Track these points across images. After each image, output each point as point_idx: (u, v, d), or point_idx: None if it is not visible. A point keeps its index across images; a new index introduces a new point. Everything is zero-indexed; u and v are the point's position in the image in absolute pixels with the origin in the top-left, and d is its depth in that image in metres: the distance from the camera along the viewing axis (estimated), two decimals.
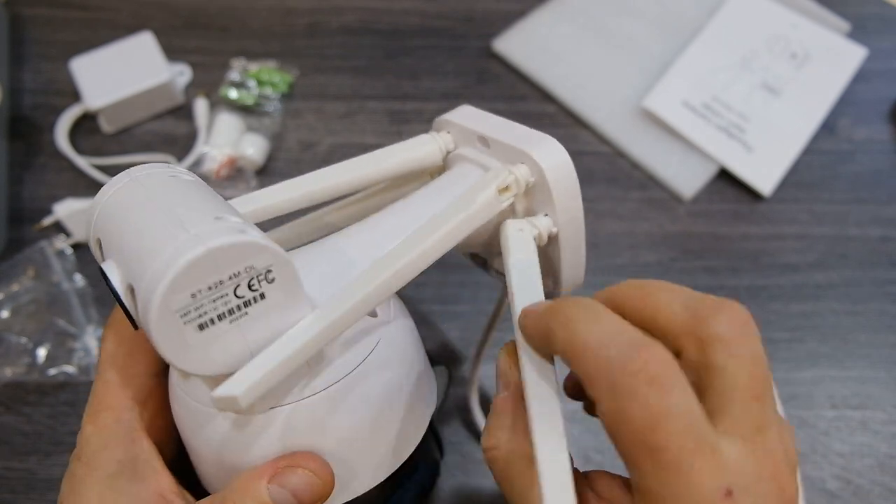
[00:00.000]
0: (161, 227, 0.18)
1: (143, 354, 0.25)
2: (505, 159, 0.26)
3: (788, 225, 0.48)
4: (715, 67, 0.53)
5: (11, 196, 0.47)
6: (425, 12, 0.57)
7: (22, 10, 0.56)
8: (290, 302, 0.19)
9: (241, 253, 0.17)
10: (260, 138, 0.49)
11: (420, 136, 0.28)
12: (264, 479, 0.21)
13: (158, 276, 0.17)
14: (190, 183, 0.21)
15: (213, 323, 0.18)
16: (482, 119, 0.27)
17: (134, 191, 0.21)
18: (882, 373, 0.42)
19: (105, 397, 0.25)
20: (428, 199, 0.26)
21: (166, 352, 0.18)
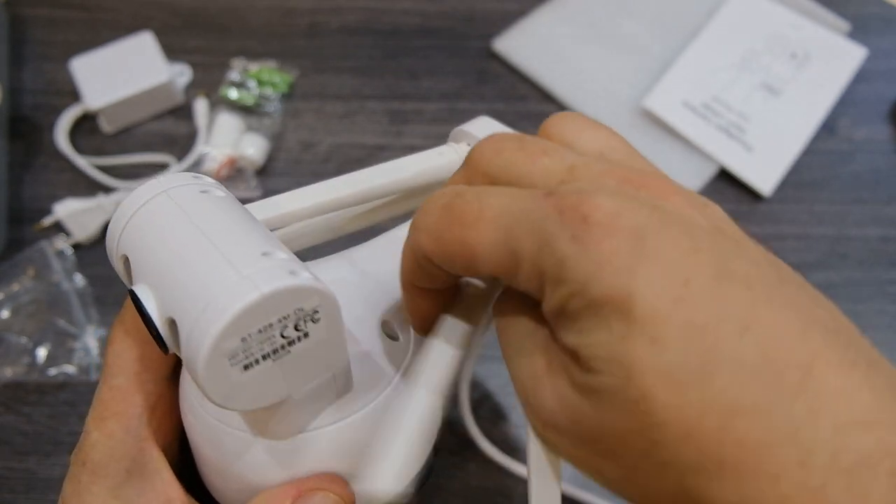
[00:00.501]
0: (208, 262, 0.18)
1: (153, 358, 0.25)
2: None
3: (788, 225, 0.48)
4: (715, 67, 0.53)
5: (11, 196, 0.47)
6: (425, 12, 0.57)
7: (22, 10, 0.56)
8: (332, 338, 0.19)
9: (294, 297, 0.17)
10: (260, 138, 0.49)
11: (440, 147, 0.28)
12: (288, 500, 0.22)
13: (211, 320, 0.16)
14: (224, 202, 0.21)
15: (257, 363, 0.18)
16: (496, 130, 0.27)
17: (168, 209, 0.20)
18: None
19: (112, 403, 0.24)
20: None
21: (211, 392, 0.17)
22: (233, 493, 0.23)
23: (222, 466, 0.22)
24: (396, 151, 0.50)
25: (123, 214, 0.21)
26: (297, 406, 0.20)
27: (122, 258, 0.20)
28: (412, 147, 0.50)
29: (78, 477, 0.23)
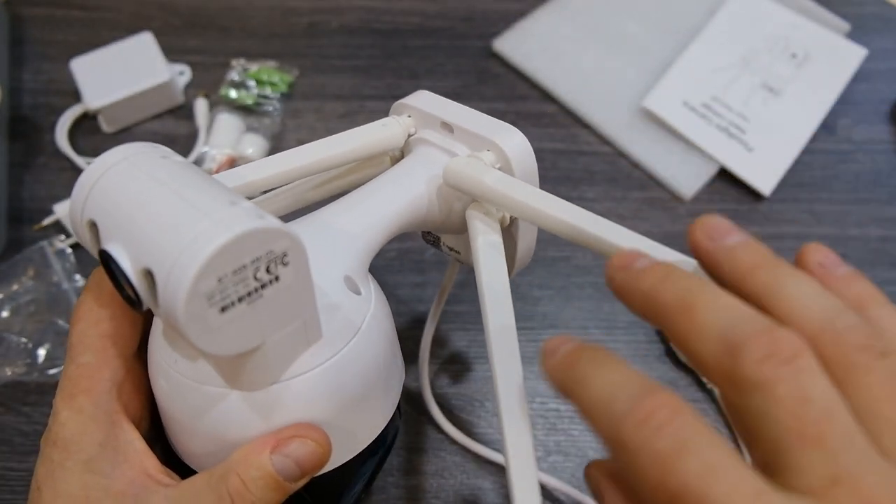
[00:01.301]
0: (178, 211, 0.18)
1: (119, 335, 0.25)
2: (470, 146, 0.28)
3: (788, 225, 0.48)
4: (715, 67, 0.53)
5: (11, 196, 0.47)
6: (425, 12, 0.57)
7: (22, 10, 0.56)
8: (300, 282, 0.20)
9: (264, 238, 0.18)
10: (260, 138, 0.49)
11: (384, 119, 0.30)
12: (267, 449, 0.22)
13: (188, 261, 0.17)
14: (184, 165, 0.21)
15: (233, 305, 0.18)
16: (443, 105, 0.29)
17: (131, 172, 0.21)
18: None
19: (80, 380, 0.24)
20: (400, 178, 0.28)
21: (192, 334, 0.18)
22: (209, 453, 0.23)
23: (198, 426, 0.23)
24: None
25: (87, 181, 0.21)
26: (269, 355, 0.21)
27: (89, 223, 0.21)
28: None
29: (50, 457, 0.23)
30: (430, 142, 0.29)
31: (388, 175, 0.28)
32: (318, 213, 0.27)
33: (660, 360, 0.42)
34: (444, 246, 0.33)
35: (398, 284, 0.44)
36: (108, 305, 0.25)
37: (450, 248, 0.33)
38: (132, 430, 0.24)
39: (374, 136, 0.29)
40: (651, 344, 0.43)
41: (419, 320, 0.43)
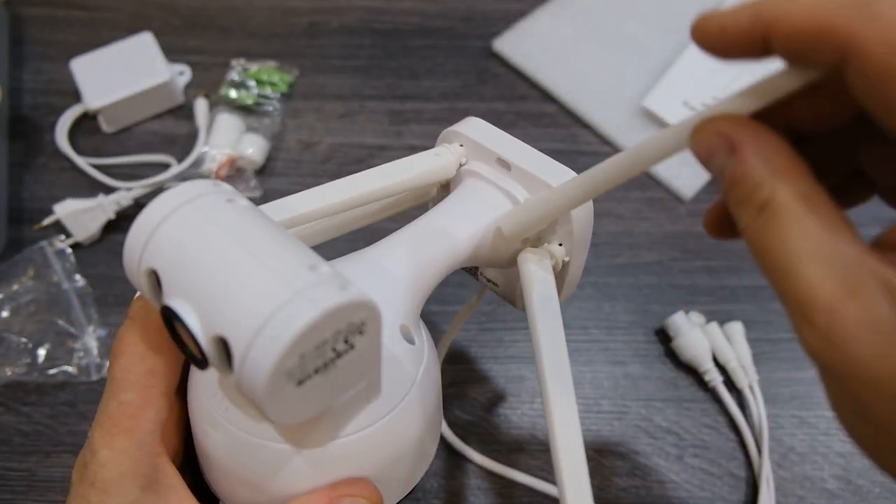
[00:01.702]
0: (257, 277, 0.18)
1: (163, 372, 0.24)
2: (525, 186, 0.27)
3: None
4: (715, 67, 0.53)
5: (11, 196, 0.47)
6: (425, 12, 0.57)
7: (22, 10, 0.56)
8: (372, 348, 0.19)
9: (347, 312, 0.17)
10: (260, 138, 0.49)
11: (436, 149, 0.29)
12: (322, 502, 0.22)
13: (273, 341, 0.16)
14: (251, 212, 0.20)
15: (309, 378, 0.18)
16: (497, 137, 0.28)
17: (198, 220, 0.19)
18: None
19: (122, 419, 0.23)
20: (454, 218, 0.27)
21: (271, 410, 0.17)
22: (254, 502, 0.23)
23: (252, 479, 0.22)
24: (396, 151, 0.50)
25: (147, 225, 0.19)
26: (332, 416, 0.21)
27: (149, 272, 0.19)
28: (412, 147, 0.50)
29: (87, 497, 0.22)
30: (485, 177, 0.28)
31: (441, 212, 0.27)
32: (368, 253, 0.26)
33: (660, 360, 0.42)
34: (483, 277, 0.32)
35: None
36: (153, 340, 0.24)
37: (488, 279, 0.32)
38: (175, 475, 0.24)
39: (427, 167, 0.28)
40: (651, 344, 0.43)
41: None
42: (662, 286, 0.45)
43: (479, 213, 0.27)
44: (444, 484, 0.38)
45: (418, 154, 0.28)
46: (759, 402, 0.40)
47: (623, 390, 0.41)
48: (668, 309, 0.43)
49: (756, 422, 0.40)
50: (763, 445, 0.39)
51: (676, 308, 0.43)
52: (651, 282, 0.45)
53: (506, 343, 0.43)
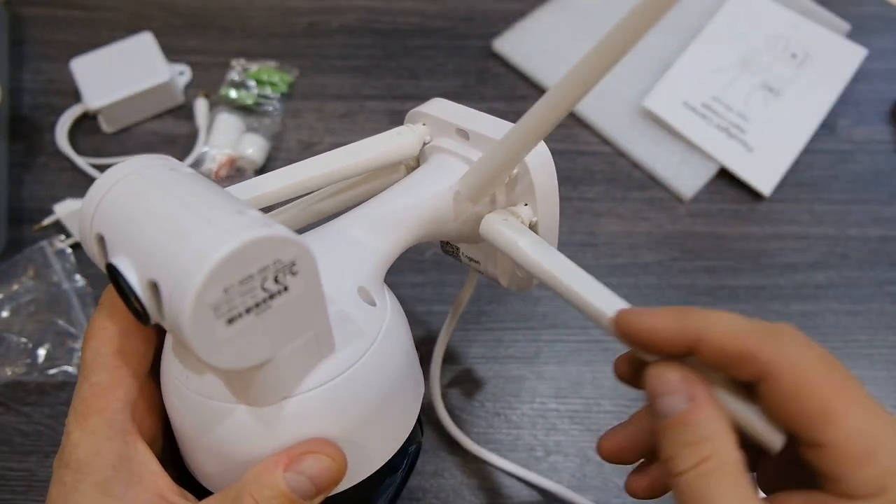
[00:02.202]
0: (185, 222, 0.18)
1: (132, 353, 0.24)
2: (484, 150, 0.27)
3: (788, 225, 0.48)
4: (715, 67, 0.53)
5: (11, 196, 0.47)
6: (425, 12, 0.57)
7: (22, 10, 0.56)
8: (310, 293, 0.19)
9: (270, 247, 0.18)
10: (260, 138, 0.49)
11: (398, 128, 0.30)
12: (280, 467, 0.21)
13: (192, 271, 0.17)
14: (193, 176, 0.21)
15: (240, 317, 0.18)
16: (458, 112, 0.29)
17: (139, 185, 0.20)
18: (882, 373, 0.42)
19: (93, 399, 0.24)
20: (416, 187, 0.28)
21: (199, 347, 0.18)
22: (222, 472, 0.23)
23: (209, 443, 0.22)
24: None
25: (96, 194, 0.20)
26: (280, 369, 0.20)
27: (97, 237, 0.20)
28: None
29: (62, 479, 0.23)
30: (446, 149, 0.28)
31: (403, 184, 0.28)
32: (332, 224, 0.26)
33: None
34: (464, 256, 0.32)
35: (397, 284, 0.44)
36: (121, 322, 0.24)
37: (469, 259, 0.32)
38: (146, 451, 0.24)
39: (389, 146, 0.29)
40: None
41: (419, 321, 0.43)
42: (662, 286, 0.45)
43: (439, 181, 0.28)
44: (444, 483, 0.38)
45: (380, 134, 0.29)
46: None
47: (624, 390, 0.41)
48: None
49: None
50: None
51: None
52: (651, 282, 0.45)
53: (506, 343, 0.43)
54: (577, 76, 0.21)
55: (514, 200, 0.27)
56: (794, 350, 0.19)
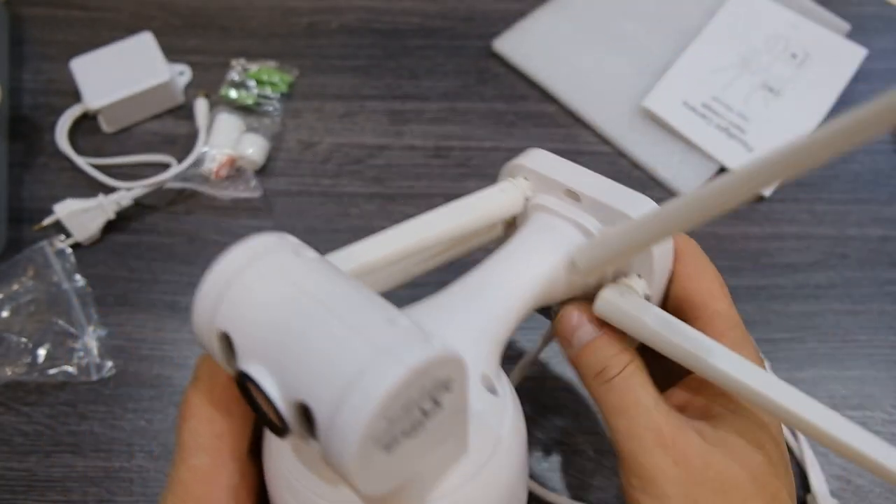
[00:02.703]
0: (335, 334, 0.17)
1: (233, 435, 0.23)
2: (598, 216, 0.25)
3: (788, 225, 0.48)
4: (715, 67, 0.53)
5: (11, 196, 0.47)
6: (425, 12, 0.57)
7: (22, 10, 0.56)
8: (459, 405, 0.18)
9: (433, 368, 0.16)
10: (260, 138, 0.49)
11: (501, 184, 0.27)
12: None
13: (359, 407, 0.15)
14: (320, 264, 0.19)
15: (397, 442, 0.17)
16: (563, 168, 0.27)
17: (269, 278, 0.18)
18: (882, 373, 0.42)
19: (194, 485, 0.22)
20: (529, 256, 0.25)
21: (360, 479, 0.16)
22: None
23: None
24: (396, 151, 0.50)
25: (216, 284, 0.19)
26: (419, 478, 0.19)
27: (221, 335, 0.18)
28: (412, 147, 0.50)
29: None
30: (554, 210, 0.26)
31: (512, 251, 0.26)
32: (439, 301, 0.24)
33: None
34: (555, 313, 0.30)
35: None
36: (222, 403, 0.23)
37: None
38: None
39: (493, 205, 0.27)
40: None
41: None
42: None
43: (551, 249, 0.25)
44: None
45: (482, 191, 0.27)
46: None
47: None
48: None
49: None
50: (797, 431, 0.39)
51: None
52: None
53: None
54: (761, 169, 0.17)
55: (624, 269, 0.25)
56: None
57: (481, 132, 0.51)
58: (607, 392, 0.23)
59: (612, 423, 0.23)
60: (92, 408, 0.40)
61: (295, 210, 0.47)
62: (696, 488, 0.22)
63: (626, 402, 0.23)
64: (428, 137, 0.51)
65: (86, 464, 0.38)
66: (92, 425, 0.39)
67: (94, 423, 0.40)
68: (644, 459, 0.22)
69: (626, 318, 0.24)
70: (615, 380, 0.23)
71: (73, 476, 0.38)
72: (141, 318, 0.43)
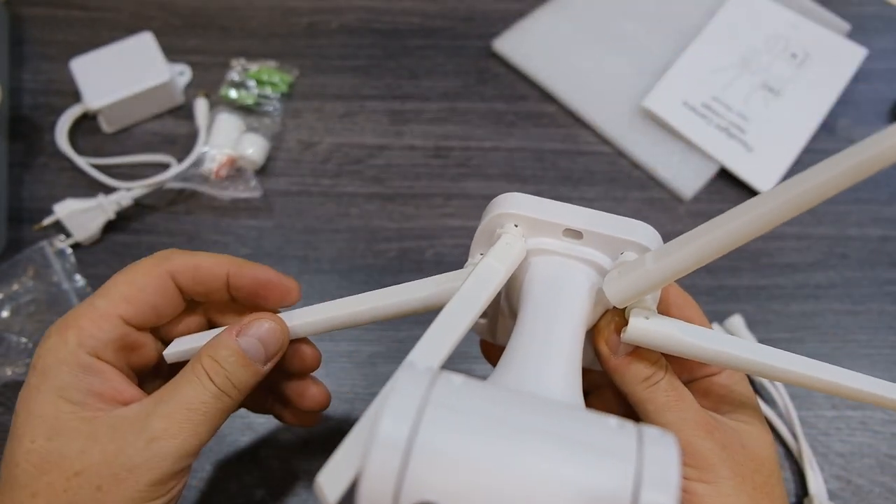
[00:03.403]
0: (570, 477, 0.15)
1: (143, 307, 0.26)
2: (603, 249, 0.26)
3: (788, 225, 0.48)
4: (715, 67, 0.53)
5: (11, 196, 0.47)
6: (425, 12, 0.57)
7: (22, 10, 0.56)
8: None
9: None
10: (260, 138, 0.49)
11: (505, 238, 0.26)
12: (233, 334, 0.25)
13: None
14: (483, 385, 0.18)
15: None
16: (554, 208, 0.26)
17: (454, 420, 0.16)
18: (882, 373, 0.42)
19: (82, 318, 0.25)
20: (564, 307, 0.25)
21: None
22: None
23: None
24: (396, 151, 0.50)
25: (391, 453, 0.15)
26: None
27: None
28: (412, 147, 0.50)
29: (29, 381, 0.24)
30: (560, 252, 0.26)
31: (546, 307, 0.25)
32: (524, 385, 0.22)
33: None
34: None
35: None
36: (157, 286, 0.27)
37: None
38: (114, 372, 0.25)
39: (507, 261, 0.25)
40: None
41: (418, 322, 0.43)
42: None
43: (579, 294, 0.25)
44: None
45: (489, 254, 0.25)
46: (780, 387, 0.40)
47: None
48: None
49: (782, 408, 0.40)
50: (797, 430, 0.39)
51: None
52: None
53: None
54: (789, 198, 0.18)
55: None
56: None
57: (481, 132, 0.51)
58: (655, 393, 0.25)
59: (661, 418, 0.25)
60: None
61: (295, 210, 0.47)
62: (740, 467, 0.24)
63: (673, 400, 0.25)
64: (428, 137, 0.51)
65: None
66: None
67: None
68: (700, 445, 0.24)
69: (660, 338, 0.24)
70: (661, 381, 0.25)
71: None
72: None
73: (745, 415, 0.27)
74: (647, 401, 0.26)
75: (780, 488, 0.26)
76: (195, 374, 0.24)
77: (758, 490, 0.24)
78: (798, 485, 0.39)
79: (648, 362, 0.26)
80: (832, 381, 0.24)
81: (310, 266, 0.45)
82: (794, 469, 0.39)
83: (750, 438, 0.26)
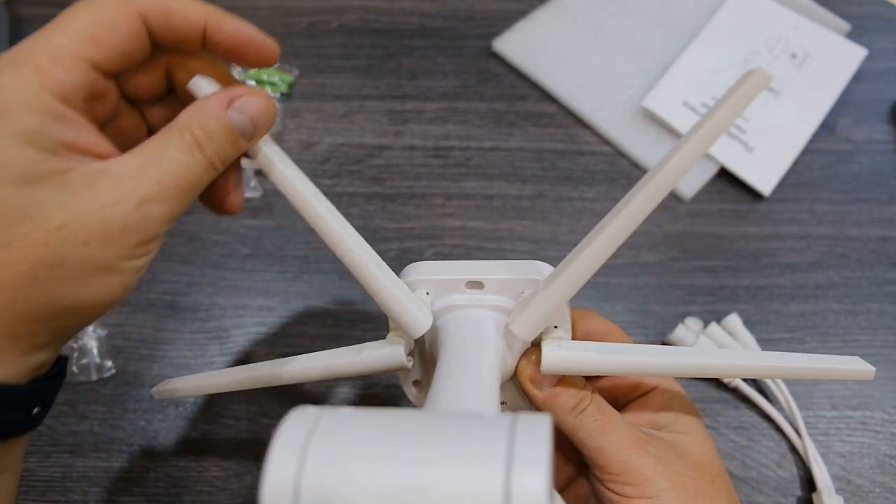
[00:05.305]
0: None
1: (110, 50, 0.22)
2: (506, 293, 0.27)
3: (788, 225, 0.48)
4: (715, 68, 0.53)
5: None
6: (425, 12, 0.57)
7: (22, 10, 0.56)
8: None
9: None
10: None
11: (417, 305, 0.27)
12: (223, 105, 0.23)
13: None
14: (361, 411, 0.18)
15: None
16: (454, 266, 0.28)
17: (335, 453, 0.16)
18: (882, 373, 0.42)
19: (38, 54, 0.21)
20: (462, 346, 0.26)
21: None
22: None
23: None
24: (396, 151, 0.50)
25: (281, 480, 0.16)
26: None
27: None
28: (412, 147, 0.50)
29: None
30: (467, 305, 0.27)
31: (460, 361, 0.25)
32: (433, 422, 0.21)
33: None
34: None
35: None
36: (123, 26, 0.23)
37: (501, 402, 0.29)
38: (92, 130, 0.22)
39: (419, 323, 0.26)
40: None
41: None
42: (662, 286, 0.45)
43: (490, 340, 0.26)
44: None
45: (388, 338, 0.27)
46: (782, 385, 0.40)
47: None
48: (668, 309, 0.43)
49: (785, 405, 0.40)
50: (800, 428, 0.39)
51: (677, 308, 0.43)
52: (651, 282, 0.45)
53: None
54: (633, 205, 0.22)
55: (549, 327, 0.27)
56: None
57: (481, 132, 0.51)
58: (583, 420, 0.26)
59: (594, 443, 0.25)
60: (92, 408, 0.40)
61: (294, 210, 0.47)
62: (679, 477, 0.25)
63: (601, 423, 0.26)
64: (428, 137, 0.51)
65: (85, 464, 0.38)
66: (92, 425, 0.39)
67: (93, 423, 0.40)
68: (634, 462, 0.25)
69: (576, 363, 0.25)
70: (588, 408, 0.26)
71: (72, 476, 0.38)
72: (141, 318, 0.43)
73: (682, 425, 0.27)
74: (578, 429, 0.26)
75: (727, 490, 0.26)
76: (184, 143, 0.22)
77: (702, 496, 0.25)
78: (804, 484, 0.39)
79: (575, 390, 0.26)
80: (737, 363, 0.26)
81: (310, 266, 0.45)
82: (801, 466, 0.39)
83: (688, 447, 0.26)
